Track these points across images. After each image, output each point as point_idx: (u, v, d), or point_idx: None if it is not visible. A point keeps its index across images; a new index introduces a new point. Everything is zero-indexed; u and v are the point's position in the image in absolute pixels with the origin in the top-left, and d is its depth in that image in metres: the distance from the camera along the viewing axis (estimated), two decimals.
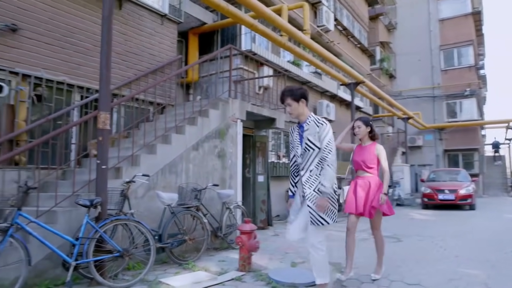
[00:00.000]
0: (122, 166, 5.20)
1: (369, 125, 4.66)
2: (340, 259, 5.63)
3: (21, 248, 3.71)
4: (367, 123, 4.67)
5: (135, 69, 7.10)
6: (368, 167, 4.52)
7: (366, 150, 4.61)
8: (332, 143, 3.53)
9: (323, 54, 9.20)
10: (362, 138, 4.70)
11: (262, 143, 8.91)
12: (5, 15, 5.30)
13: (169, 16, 7.82)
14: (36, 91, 5.58)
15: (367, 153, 4.57)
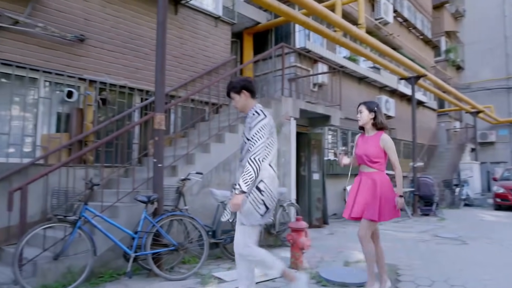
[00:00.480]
0: (178, 164, 5.45)
1: (373, 110, 3.86)
2: (395, 260, 5.44)
3: (88, 240, 4.05)
4: (370, 108, 3.88)
5: (191, 71, 7.38)
6: (372, 162, 3.82)
7: (369, 141, 3.87)
8: (260, 135, 3.11)
9: (380, 48, 8.87)
10: (365, 127, 3.96)
11: (317, 141, 8.82)
12: (74, 27, 5.79)
13: (223, 18, 8.02)
14: (101, 95, 6.03)
15: (370, 145, 3.84)
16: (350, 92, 11.73)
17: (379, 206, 3.67)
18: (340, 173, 11.00)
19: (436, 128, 18.01)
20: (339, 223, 9.67)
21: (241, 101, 3.44)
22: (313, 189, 8.66)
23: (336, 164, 10.82)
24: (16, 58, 5.18)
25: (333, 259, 5.60)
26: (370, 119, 3.88)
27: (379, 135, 3.84)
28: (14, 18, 5.13)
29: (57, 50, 5.57)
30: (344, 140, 11.69)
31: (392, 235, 7.84)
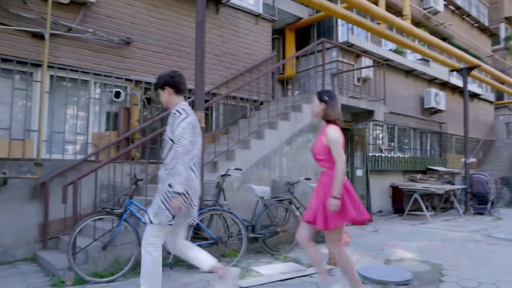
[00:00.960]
0: (218, 160, 5.61)
1: (323, 100, 3.36)
2: (441, 260, 5.24)
3: (133, 231, 4.30)
4: (320, 98, 3.39)
5: (232, 69, 7.53)
6: (318, 160, 3.37)
7: (319, 136, 3.44)
8: (185, 135, 3.01)
9: (427, 39, 8.51)
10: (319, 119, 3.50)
11: (360, 136, 8.66)
12: (121, 31, 6.12)
13: (263, 15, 8.09)
14: (146, 94, 6.33)
15: (318, 140, 3.40)
16: (397, 86, 11.36)
17: (323, 212, 3.21)
18: (386, 170, 10.72)
19: (493, 122, 16.92)
20: (384, 220, 9.44)
21: (165, 97, 3.32)
22: (356, 185, 8.52)
23: (382, 160, 10.55)
24: (69, 62, 5.59)
25: (373, 256, 5.50)
26: (321, 110, 3.38)
27: (326, 128, 3.34)
28: (68, 26, 5.53)
29: (106, 53, 5.93)
30: (391, 135, 11.34)
31: (441, 233, 7.54)
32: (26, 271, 4.60)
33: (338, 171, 3.15)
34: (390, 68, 11.10)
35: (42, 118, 5.17)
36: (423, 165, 12.09)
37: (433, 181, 11.05)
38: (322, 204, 3.22)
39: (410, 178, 11.24)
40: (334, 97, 3.43)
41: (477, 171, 12.36)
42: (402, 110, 11.50)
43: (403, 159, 11.34)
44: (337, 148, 3.21)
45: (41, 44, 5.25)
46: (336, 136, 3.23)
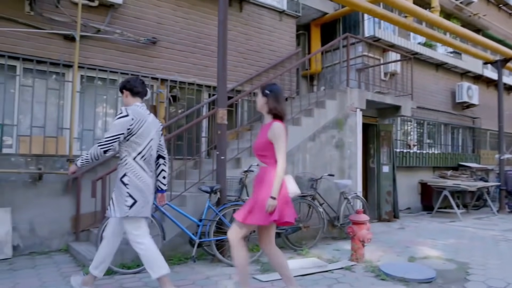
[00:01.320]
0: (241, 157, 5.69)
1: (265, 94, 3.24)
2: (468, 259, 5.12)
3: (158, 225, 4.46)
4: (263, 92, 3.28)
5: (257, 66, 7.58)
6: (259, 155, 3.26)
7: (261, 131, 3.33)
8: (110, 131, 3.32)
9: (457, 31, 8.23)
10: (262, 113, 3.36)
11: (387, 132, 8.51)
12: (148, 31, 6.30)
13: (287, 12, 8.08)
14: (172, 92, 6.50)
15: (260, 135, 3.29)
16: (426, 80, 11.06)
17: (250, 206, 3.15)
18: (414, 166, 10.49)
19: None
20: (412, 217, 9.26)
21: (124, 100, 3.60)
22: (382, 182, 8.40)
23: (410, 156, 10.33)
24: (98, 62, 5.82)
25: (397, 253, 5.44)
26: (264, 104, 3.25)
27: (271, 124, 3.18)
28: (96, 27, 5.76)
29: (133, 53, 6.13)
30: (420, 131, 11.07)
31: (471, 232, 7.34)
32: (60, 261, 4.86)
33: (279, 170, 3.06)
34: (419, 62, 10.82)
35: (74, 117, 5.43)
36: (455, 162, 11.73)
37: (464, 178, 10.71)
38: (254, 198, 3.16)
39: (440, 175, 10.95)
40: (277, 91, 3.30)
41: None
42: (432, 105, 11.19)
43: (433, 155, 11.05)
44: (280, 146, 3.10)
45: (72, 46, 5.50)
46: (281, 133, 3.11)
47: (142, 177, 3.44)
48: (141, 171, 3.45)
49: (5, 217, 4.97)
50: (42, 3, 5.39)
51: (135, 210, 3.38)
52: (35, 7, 5.32)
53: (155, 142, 3.61)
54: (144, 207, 3.45)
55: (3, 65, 5.18)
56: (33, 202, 5.19)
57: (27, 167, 5.17)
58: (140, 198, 3.40)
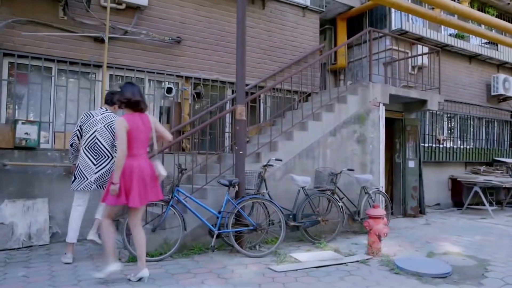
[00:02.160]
0: (261, 151, 5.85)
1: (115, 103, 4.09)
2: (489, 256, 5.04)
3: (178, 217, 4.71)
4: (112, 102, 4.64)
5: (280, 62, 7.69)
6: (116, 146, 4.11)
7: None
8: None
9: (488, 21, 7.93)
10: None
11: (413, 127, 8.39)
12: (172, 31, 6.56)
13: (310, 7, 8.12)
14: (196, 89, 6.74)
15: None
16: (458, 72, 10.73)
17: (107, 189, 3.74)
18: (445, 161, 10.25)
19: None
20: (441, 214, 9.09)
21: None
22: (408, 177, 8.30)
23: (440, 151, 10.10)
24: (126, 62, 6.14)
25: (417, 249, 5.43)
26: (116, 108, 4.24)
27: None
28: (124, 29, 6.08)
29: (158, 52, 6.41)
30: (451, 125, 10.77)
31: (501, 229, 7.14)
32: (91, 247, 5.23)
33: (116, 159, 3.65)
34: (451, 54, 10.51)
35: None
36: (489, 157, 11.33)
37: (499, 173, 10.33)
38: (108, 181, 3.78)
39: (472, 170, 10.63)
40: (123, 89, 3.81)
41: None
42: (465, 98, 10.85)
43: (465, 150, 10.73)
44: (119, 137, 3.64)
45: (102, 47, 5.84)
46: (118, 127, 3.64)
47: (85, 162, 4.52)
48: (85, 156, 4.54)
49: (43, 206, 5.40)
50: (74, 8, 5.76)
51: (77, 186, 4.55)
52: (67, 12, 5.70)
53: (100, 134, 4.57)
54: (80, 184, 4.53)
55: (40, 67, 5.60)
56: (68, 193, 5.58)
57: (62, 161, 5.58)
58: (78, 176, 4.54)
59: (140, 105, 3.78)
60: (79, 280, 3.87)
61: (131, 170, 3.65)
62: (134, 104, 3.76)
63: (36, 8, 5.53)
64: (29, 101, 5.65)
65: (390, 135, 8.54)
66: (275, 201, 5.22)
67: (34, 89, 5.65)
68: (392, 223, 7.43)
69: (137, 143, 3.71)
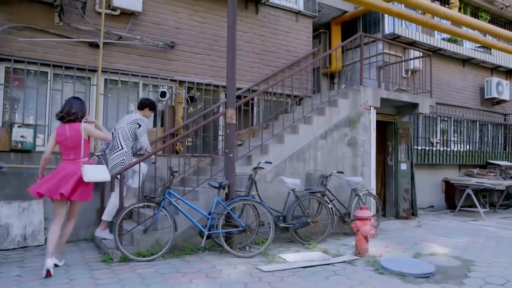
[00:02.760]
0: (252, 154, 5.97)
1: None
2: (474, 257, 5.15)
3: (170, 218, 4.83)
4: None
5: (273, 66, 7.82)
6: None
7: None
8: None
9: (478, 26, 8.05)
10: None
11: (405, 130, 8.50)
12: (166, 36, 6.70)
13: (303, 12, 8.25)
14: (189, 93, 6.87)
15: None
16: (452, 76, 10.87)
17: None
18: (439, 164, 10.37)
19: None
20: (434, 216, 9.19)
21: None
22: (400, 179, 8.41)
23: (433, 153, 10.21)
24: (120, 67, 6.27)
25: (405, 250, 5.53)
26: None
27: None
28: (118, 34, 6.22)
29: (152, 57, 6.54)
30: (445, 128, 10.88)
31: (490, 231, 7.24)
32: (85, 248, 5.36)
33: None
34: (444, 58, 10.65)
35: (98, 117, 5.91)
36: (483, 159, 11.45)
37: (492, 176, 10.43)
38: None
39: (466, 173, 10.73)
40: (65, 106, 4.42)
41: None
42: (458, 101, 10.98)
43: (458, 152, 10.84)
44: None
45: (97, 52, 5.98)
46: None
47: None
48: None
49: (38, 208, 5.53)
50: (69, 14, 5.90)
51: None
52: (63, 18, 5.84)
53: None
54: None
55: (36, 72, 5.73)
56: None
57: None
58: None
59: (62, 118, 4.34)
60: (71, 279, 3.99)
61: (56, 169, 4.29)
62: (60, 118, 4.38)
63: (32, 14, 5.67)
64: (25, 105, 5.78)
65: (383, 138, 8.65)
66: (264, 203, 5.34)
67: (30, 93, 5.79)
68: (384, 225, 7.55)
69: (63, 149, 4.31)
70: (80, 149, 4.27)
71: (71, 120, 4.30)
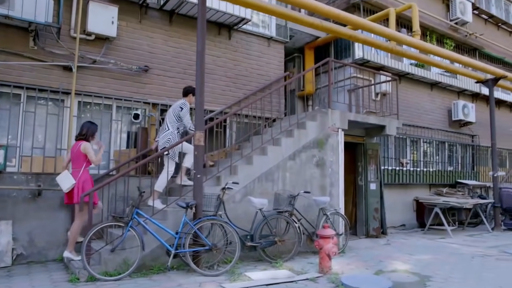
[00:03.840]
0: (221, 175, 6.15)
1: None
2: (432, 272, 5.38)
3: (138, 237, 4.94)
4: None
5: (245, 89, 8.10)
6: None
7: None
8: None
9: (439, 53, 8.55)
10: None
11: (374, 151, 8.83)
12: (140, 60, 6.93)
13: (275, 38, 8.62)
14: (163, 115, 7.05)
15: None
16: (420, 99, 11.35)
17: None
18: (409, 183, 10.70)
19: None
20: (404, 234, 9.45)
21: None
22: (370, 199, 8.67)
23: (404, 173, 10.56)
24: (94, 89, 6.45)
25: (368, 267, 5.73)
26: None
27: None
28: (93, 58, 6.41)
29: (126, 80, 6.74)
30: (415, 148, 11.27)
31: (454, 248, 7.52)
32: (53, 268, 5.40)
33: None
34: (413, 81, 11.15)
35: (70, 139, 6.04)
36: (452, 179, 11.86)
37: (460, 195, 10.81)
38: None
39: (436, 192, 11.08)
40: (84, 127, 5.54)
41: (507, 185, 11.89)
42: (428, 123, 11.43)
43: (428, 172, 11.23)
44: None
45: (71, 76, 6.15)
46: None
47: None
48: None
49: (7, 229, 5.55)
50: (44, 39, 6.08)
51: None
52: (38, 42, 6.02)
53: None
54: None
55: (9, 94, 5.86)
56: (33, 215, 5.78)
57: (28, 184, 5.77)
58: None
59: (76, 137, 5.51)
60: None
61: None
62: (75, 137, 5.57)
63: (7, 38, 5.83)
64: None
65: (354, 159, 8.96)
66: (231, 222, 5.50)
67: (2, 115, 5.88)
68: (354, 243, 7.76)
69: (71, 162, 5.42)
70: (79, 161, 5.31)
71: (81, 138, 5.40)
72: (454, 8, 12.18)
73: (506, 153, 14.48)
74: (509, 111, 14.49)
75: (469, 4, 12.50)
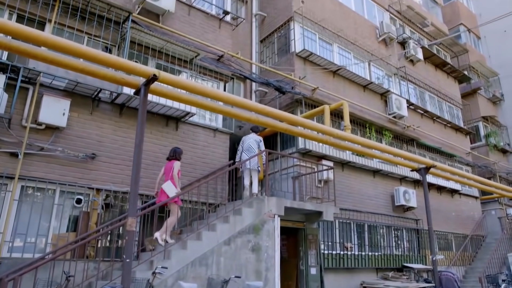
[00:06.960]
0: (154, 259, 6.38)
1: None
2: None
3: None
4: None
5: (190, 177, 8.63)
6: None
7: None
8: None
9: (371, 145, 9.54)
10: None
11: (314, 236, 9.27)
12: (89, 148, 7.45)
13: (221, 129, 9.42)
14: (106, 200, 7.40)
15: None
16: (364, 185, 12.14)
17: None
18: (356, 267, 10.99)
19: (482, 217, 17.01)
20: None
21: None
22: (310, 283, 8.90)
23: (348, 257, 10.91)
24: (39, 174, 6.82)
25: None
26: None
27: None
28: (40, 146, 6.89)
29: (72, 166, 7.17)
30: (359, 233, 11.76)
31: None
32: None
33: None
34: (356, 169, 12.03)
35: (8, 222, 6.25)
36: (399, 263, 12.24)
37: (405, 279, 11.15)
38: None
39: (383, 276, 11.40)
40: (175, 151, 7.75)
41: (446, 268, 12.36)
42: (372, 208, 12.10)
43: (373, 256, 11.61)
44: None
45: (17, 161, 6.55)
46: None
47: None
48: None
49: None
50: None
51: None
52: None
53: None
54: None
55: None
56: None
57: None
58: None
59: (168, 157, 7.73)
60: None
61: None
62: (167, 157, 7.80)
63: None
64: None
65: (295, 244, 9.33)
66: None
67: None
68: None
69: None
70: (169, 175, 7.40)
71: (172, 158, 7.57)
72: (391, 104, 13.66)
73: (452, 236, 15.16)
74: (450, 196, 15.51)
75: (404, 101, 14.06)
